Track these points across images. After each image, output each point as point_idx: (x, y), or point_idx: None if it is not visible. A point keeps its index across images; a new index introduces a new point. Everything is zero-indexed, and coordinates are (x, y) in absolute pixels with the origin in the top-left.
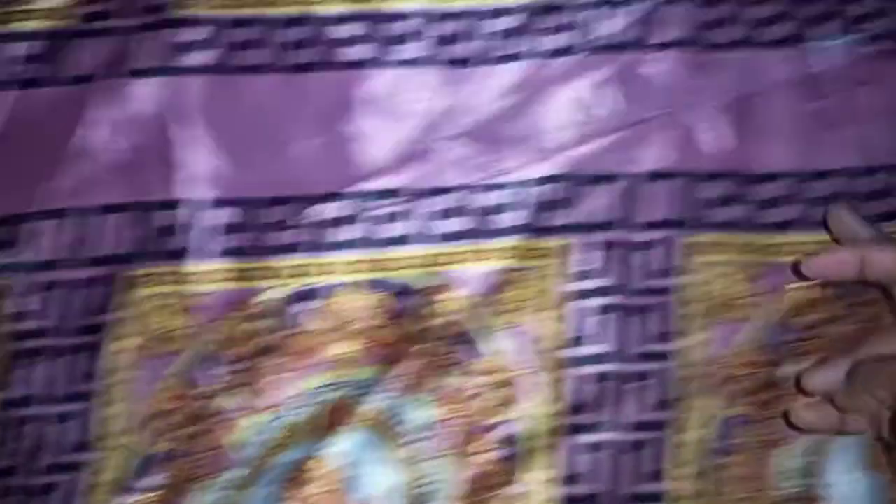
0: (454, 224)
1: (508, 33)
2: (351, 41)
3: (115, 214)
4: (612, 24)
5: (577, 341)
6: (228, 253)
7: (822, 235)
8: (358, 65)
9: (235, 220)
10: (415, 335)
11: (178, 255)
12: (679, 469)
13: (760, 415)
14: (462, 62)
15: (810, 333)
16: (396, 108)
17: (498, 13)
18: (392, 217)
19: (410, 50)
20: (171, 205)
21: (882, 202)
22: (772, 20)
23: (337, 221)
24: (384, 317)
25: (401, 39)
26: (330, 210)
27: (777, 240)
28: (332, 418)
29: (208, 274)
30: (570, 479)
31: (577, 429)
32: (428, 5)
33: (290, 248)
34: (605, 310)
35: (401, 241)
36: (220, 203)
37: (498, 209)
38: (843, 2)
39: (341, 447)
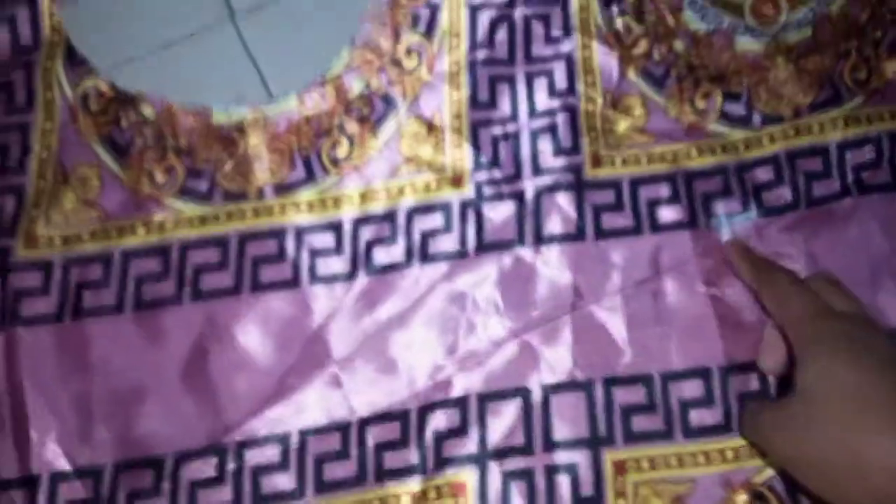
0: (341, 469)
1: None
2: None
3: None
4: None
5: None
6: None
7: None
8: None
9: (90, 495)
10: None
11: None
12: None
13: None
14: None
15: None
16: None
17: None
18: (271, 468)
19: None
20: (23, 482)
21: None
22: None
23: (209, 481)
24: None
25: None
26: (200, 467)
27: (701, 447)
28: None
29: None
30: None
31: None
32: (308, 219)
33: None
34: None
35: (286, 496)
36: (78, 473)
37: (388, 446)
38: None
39: None
